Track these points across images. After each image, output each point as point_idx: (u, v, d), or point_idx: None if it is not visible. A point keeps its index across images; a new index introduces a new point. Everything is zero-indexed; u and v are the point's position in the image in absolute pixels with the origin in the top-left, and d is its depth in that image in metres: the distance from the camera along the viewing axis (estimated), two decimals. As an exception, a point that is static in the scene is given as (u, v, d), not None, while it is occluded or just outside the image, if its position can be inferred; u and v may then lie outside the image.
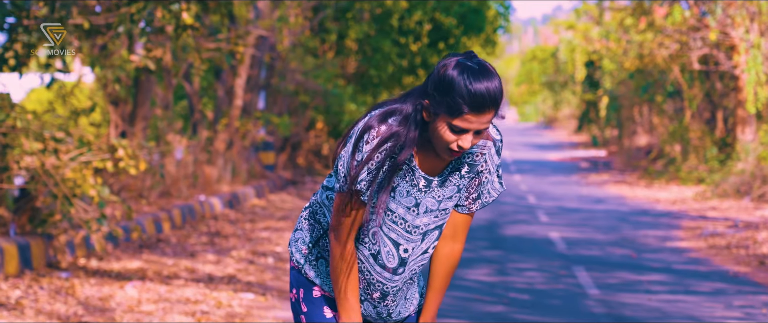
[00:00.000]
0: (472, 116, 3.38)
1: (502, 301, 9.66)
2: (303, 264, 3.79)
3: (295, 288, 3.81)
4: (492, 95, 3.37)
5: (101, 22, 10.68)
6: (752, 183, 20.75)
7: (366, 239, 3.66)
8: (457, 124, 3.40)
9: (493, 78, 3.38)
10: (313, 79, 24.07)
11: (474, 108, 3.37)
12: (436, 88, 3.41)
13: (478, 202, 3.72)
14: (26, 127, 9.43)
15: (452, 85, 3.37)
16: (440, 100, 3.40)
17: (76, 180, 9.75)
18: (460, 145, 3.44)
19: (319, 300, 3.77)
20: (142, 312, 8.46)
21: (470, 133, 3.43)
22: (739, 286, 10.77)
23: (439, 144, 3.47)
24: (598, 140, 47.19)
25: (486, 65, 3.40)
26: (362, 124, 3.54)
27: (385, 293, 3.75)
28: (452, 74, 3.38)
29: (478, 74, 3.37)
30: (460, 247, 3.79)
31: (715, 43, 24.65)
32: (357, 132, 3.53)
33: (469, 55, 3.44)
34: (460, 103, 3.36)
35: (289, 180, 24.21)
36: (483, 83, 3.36)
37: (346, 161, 3.54)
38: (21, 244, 9.53)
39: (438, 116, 3.43)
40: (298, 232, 3.84)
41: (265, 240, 13.76)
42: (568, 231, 15.93)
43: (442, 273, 3.79)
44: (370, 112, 3.59)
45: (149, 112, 14.60)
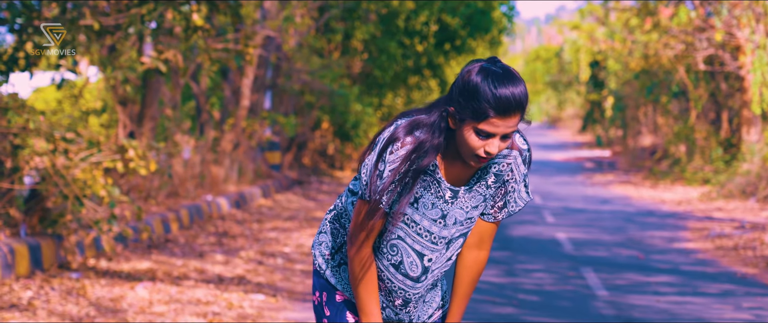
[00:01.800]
0: (498, 120, 3.39)
1: (511, 303, 9.68)
2: (325, 268, 3.81)
3: (318, 291, 3.83)
4: (517, 98, 3.38)
5: (111, 23, 10.70)
6: (758, 184, 20.74)
7: (385, 250, 3.68)
8: (483, 128, 3.41)
9: (517, 81, 3.40)
10: (318, 79, 24.09)
11: (500, 111, 3.38)
12: (461, 94, 3.43)
13: (505, 211, 3.72)
14: (37, 128, 9.45)
15: (477, 89, 3.39)
16: (465, 105, 3.41)
17: (86, 180, 9.77)
18: (487, 151, 3.45)
19: (341, 304, 3.79)
20: (154, 313, 8.49)
21: (497, 137, 3.44)
22: (747, 288, 10.78)
23: (466, 150, 3.48)
24: (602, 140, 47.18)
25: (510, 69, 3.42)
26: (388, 133, 3.55)
27: (408, 300, 3.77)
28: (477, 79, 3.40)
29: (502, 78, 3.39)
30: (485, 255, 3.80)
31: (721, 44, 24.66)
32: (382, 141, 3.55)
33: (493, 60, 3.46)
34: (485, 107, 3.38)
35: (295, 180, 24.23)
36: (508, 86, 3.37)
37: (369, 170, 3.55)
38: (31, 245, 9.56)
39: (464, 122, 3.44)
40: (322, 235, 3.86)
41: (273, 240, 13.78)
42: (574, 232, 15.94)
43: (467, 280, 3.81)
44: (396, 120, 3.60)
45: (157, 113, 14.62)
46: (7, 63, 10.19)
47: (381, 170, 3.52)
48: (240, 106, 20.52)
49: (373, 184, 3.54)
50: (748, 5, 23.02)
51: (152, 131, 14.43)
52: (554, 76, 62.99)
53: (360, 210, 3.61)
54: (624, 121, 38.57)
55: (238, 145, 20.26)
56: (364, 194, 3.57)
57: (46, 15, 10.16)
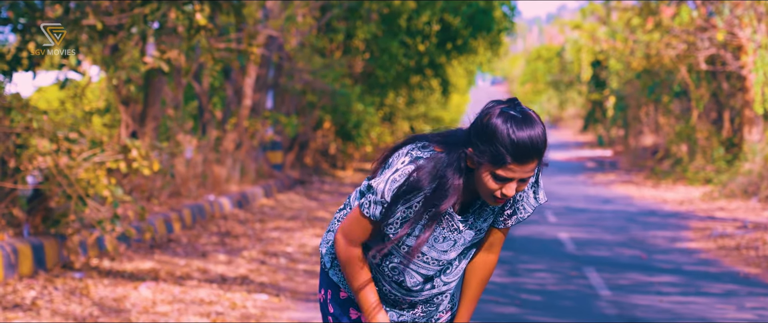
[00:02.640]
0: (515, 166, 3.37)
1: (514, 302, 9.68)
2: (330, 267, 3.82)
3: (324, 288, 3.85)
4: (535, 145, 3.35)
5: (114, 23, 10.71)
6: (760, 184, 20.74)
7: (386, 270, 3.69)
8: (500, 173, 3.39)
9: (536, 126, 3.36)
10: (320, 79, 24.11)
11: (517, 158, 3.36)
12: (479, 137, 3.39)
13: (514, 218, 3.70)
14: (40, 128, 9.46)
15: (495, 134, 3.35)
16: (483, 149, 3.38)
17: (89, 180, 9.78)
18: (503, 193, 3.44)
19: (345, 301, 3.81)
20: (158, 313, 8.49)
21: (514, 181, 3.43)
22: (750, 288, 10.78)
23: (483, 191, 3.47)
24: (603, 140, 47.20)
25: (529, 113, 3.38)
26: (401, 161, 3.52)
27: (415, 304, 3.78)
28: (496, 123, 3.35)
29: (521, 123, 3.34)
30: (494, 258, 3.79)
31: (723, 44, 24.65)
32: (393, 170, 3.52)
33: (513, 103, 3.41)
34: (503, 153, 3.35)
35: (297, 180, 24.24)
36: (526, 131, 3.34)
37: (376, 196, 3.52)
38: (34, 245, 9.56)
39: (481, 165, 3.42)
40: (329, 233, 3.87)
41: (276, 240, 13.79)
42: (577, 232, 15.95)
43: (476, 283, 3.81)
44: (410, 144, 3.57)
45: (160, 112, 14.62)
46: (11, 63, 10.20)
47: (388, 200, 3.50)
48: (242, 106, 20.53)
49: (376, 210, 3.53)
50: (749, 5, 23.02)
51: (155, 131, 14.43)
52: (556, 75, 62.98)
53: (356, 217, 3.60)
54: (625, 120, 38.59)
55: (240, 145, 20.27)
56: (364, 207, 3.56)
57: (49, 15, 10.17)
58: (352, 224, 3.61)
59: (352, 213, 3.62)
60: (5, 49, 10.43)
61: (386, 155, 3.60)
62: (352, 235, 3.62)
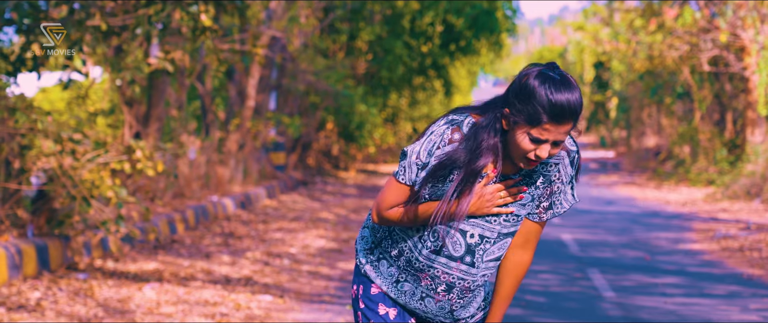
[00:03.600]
0: (551, 126, 3.41)
1: (519, 304, 9.68)
2: (365, 263, 3.86)
3: (356, 284, 3.88)
4: (572, 106, 3.40)
5: (118, 24, 10.71)
6: (763, 185, 20.74)
7: (426, 236, 3.69)
8: (535, 133, 3.43)
9: (574, 90, 3.41)
10: (323, 80, 24.11)
11: (554, 118, 3.40)
12: (517, 97, 3.45)
13: (550, 212, 3.72)
14: (45, 129, 9.46)
15: (533, 93, 3.40)
16: (520, 108, 3.43)
17: (93, 181, 9.78)
18: (537, 155, 3.47)
19: (376, 296, 3.83)
20: (162, 314, 8.49)
21: (548, 143, 3.46)
22: (754, 289, 10.78)
23: (517, 152, 3.50)
24: (606, 141, 47.19)
25: (567, 77, 3.44)
26: (437, 127, 3.59)
27: (451, 285, 3.75)
28: (534, 83, 3.41)
29: (559, 84, 3.40)
30: (529, 257, 3.80)
31: (726, 45, 24.65)
32: (429, 133, 3.59)
33: (552, 66, 3.46)
34: (540, 112, 3.39)
35: (300, 181, 24.25)
36: (564, 94, 3.39)
37: (412, 160, 3.59)
38: (39, 245, 9.57)
39: (517, 125, 3.46)
40: (364, 230, 3.91)
41: (279, 241, 13.79)
42: (580, 233, 15.95)
43: (510, 282, 3.81)
44: (448, 114, 3.63)
45: (163, 113, 14.63)
46: (15, 63, 10.21)
47: (426, 162, 3.56)
48: (245, 107, 20.53)
49: (412, 172, 3.59)
50: (753, 6, 23.02)
51: (158, 132, 14.44)
52: (558, 76, 62.92)
53: (391, 187, 3.66)
54: (628, 121, 38.58)
55: (243, 146, 20.27)
56: (398, 174, 3.62)
57: (53, 16, 10.17)
58: (387, 194, 3.66)
59: (387, 184, 3.68)
60: (9, 49, 10.43)
61: (423, 131, 3.66)
62: (386, 202, 3.66)
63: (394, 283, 3.80)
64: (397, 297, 3.80)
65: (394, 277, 3.79)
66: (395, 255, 3.77)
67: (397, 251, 3.77)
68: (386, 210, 3.67)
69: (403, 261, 3.76)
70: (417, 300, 3.79)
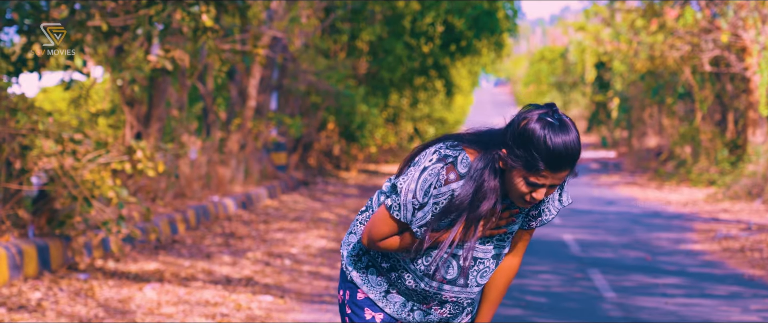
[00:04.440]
0: (548, 173, 3.41)
1: (519, 304, 9.68)
2: (352, 269, 3.83)
3: (343, 289, 3.87)
4: (570, 154, 3.39)
5: (119, 24, 10.72)
6: (764, 186, 20.73)
7: (419, 260, 3.68)
8: (532, 179, 3.43)
9: (572, 136, 3.39)
10: (324, 80, 24.11)
11: (551, 166, 3.39)
12: (515, 141, 3.42)
13: (539, 220, 3.73)
14: (46, 129, 9.47)
15: (531, 140, 3.38)
16: (518, 153, 3.42)
17: (94, 181, 9.79)
18: (533, 197, 3.48)
19: (362, 301, 3.81)
20: (163, 315, 8.50)
21: (545, 186, 3.46)
22: (754, 290, 10.78)
23: (513, 192, 3.50)
24: (607, 141, 47.18)
25: (566, 121, 3.41)
26: (430, 163, 3.53)
27: (444, 301, 3.76)
28: (532, 129, 3.39)
29: (558, 131, 3.38)
30: (517, 261, 3.82)
31: (727, 45, 24.64)
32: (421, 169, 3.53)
33: (551, 109, 3.43)
34: (537, 159, 3.39)
35: (301, 181, 24.25)
36: (562, 142, 3.37)
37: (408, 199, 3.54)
38: (40, 246, 9.58)
39: (514, 168, 3.45)
40: (351, 236, 3.88)
41: (280, 241, 13.79)
42: (581, 233, 15.95)
43: (499, 285, 3.83)
44: (438, 144, 3.59)
45: (164, 113, 14.64)
46: (16, 64, 10.21)
47: (422, 202, 3.53)
48: (246, 107, 20.54)
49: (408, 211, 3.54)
50: (754, 6, 23.01)
51: (159, 132, 14.44)
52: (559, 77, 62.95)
53: (385, 220, 3.62)
54: (629, 122, 38.57)
55: (244, 146, 20.28)
56: (393, 209, 3.57)
57: (54, 16, 10.18)
58: (381, 226, 3.62)
59: (379, 214, 3.63)
60: (10, 50, 10.44)
61: (413, 154, 3.63)
62: (378, 235, 3.63)
63: (383, 293, 3.79)
64: (384, 306, 3.79)
65: (384, 288, 3.78)
66: (386, 268, 3.76)
67: (389, 265, 3.75)
68: (379, 242, 3.64)
69: (395, 277, 3.75)
70: (407, 311, 3.79)
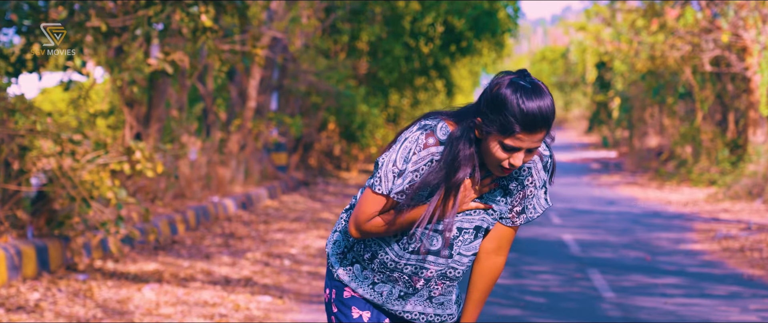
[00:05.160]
0: (523, 135, 3.41)
1: (518, 304, 9.68)
2: (338, 267, 3.83)
3: (329, 288, 3.86)
4: (544, 114, 3.39)
5: (118, 25, 10.72)
6: (764, 186, 20.73)
7: (405, 239, 3.68)
8: (508, 142, 3.43)
9: (545, 97, 3.41)
10: (325, 80, 24.10)
11: (526, 127, 3.39)
12: (489, 106, 3.44)
13: (523, 217, 3.72)
14: (45, 130, 9.47)
15: (505, 103, 3.40)
16: (493, 118, 3.43)
17: (93, 182, 9.79)
18: (511, 163, 3.48)
19: (348, 300, 3.81)
20: (161, 315, 8.50)
21: (522, 151, 3.46)
22: (754, 290, 10.77)
23: (491, 161, 3.51)
24: (608, 141, 47.18)
25: (539, 84, 3.43)
26: (411, 133, 3.58)
27: (429, 278, 3.75)
28: (505, 93, 3.41)
29: (530, 93, 3.39)
30: (502, 261, 3.80)
31: (727, 45, 24.63)
32: (403, 140, 3.57)
33: (523, 74, 3.46)
34: (512, 122, 3.39)
35: (302, 181, 24.25)
36: (535, 102, 3.38)
37: (387, 164, 3.57)
38: (38, 246, 9.58)
39: (490, 134, 3.46)
40: (335, 234, 3.88)
41: (280, 241, 13.79)
42: (581, 233, 15.94)
43: (482, 286, 3.81)
44: (420, 120, 3.62)
45: (164, 114, 14.64)
46: (15, 64, 10.21)
47: (402, 169, 3.55)
48: (246, 108, 20.54)
49: (388, 180, 3.56)
50: (754, 6, 23.01)
51: (159, 133, 14.44)
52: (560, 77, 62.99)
53: (368, 199, 3.62)
54: (630, 122, 38.57)
55: (244, 146, 20.28)
56: (375, 185, 3.59)
57: (53, 17, 10.18)
58: (365, 206, 3.62)
59: (363, 196, 3.64)
60: (9, 50, 10.44)
61: (396, 137, 3.65)
62: (364, 215, 3.62)
63: (370, 286, 3.78)
64: (373, 298, 3.78)
65: (370, 280, 3.78)
66: (368, 258, 3.76)
67: (370, 254, 3.75)
68: (366, 223, 3.64)
69: (377, 264, 3.74)
70: (394, 299, 3.78)
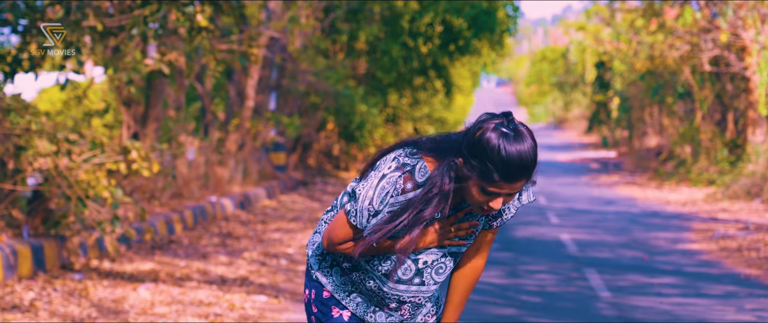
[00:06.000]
0: (503, 183, 3.39)
1: (513, 304, 9.68)
2: (316, 269, 3.82)
3: (308, 289, 3.85)
4: (524, 164, 3.36)
5: (115, 25, 10.72)
6: (763, 185, 20.72)
7: (375, 262, 3.67)
8: (488, 188, 3.41)
9: (527, 146, 3.36)
10: (324, 80, 24.10)
11: (506, 177, 3.37)
12: (470, 150, 3.40)
13: (499, 220, 3.71)
14: (40, 129, 9.47)
15: (486, 151, 3.36)
16: (474, 164, 3.40)
17: (89, 181, 9.79)
18: (490, 206, 3.46)
19: (328, 300, 3.80)
20: (156, 314, 8.50)
21: (501, 196, 3.44)
22: (750, 289, 10.77)
23: (470, 200, 3.49)
24: (608, 141, 47.19)
25: (522, 131, 3.38)
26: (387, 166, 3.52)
27: (402, 302, 3.77)
28: (487, 139, 3.36)
29: (513, 142, 3.35)
30: (482, 263, 3.80)
31: (726, 45, 24.63)
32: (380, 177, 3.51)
33: (507, 118, 3.41)
34: (491, 171, 3.36)
35: (300, 181, 24.25)
36: (516, 153, 3.34)
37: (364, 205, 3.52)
38: (34, 246, 9.58)
39: (470, 178, 3.43)
40: (316, 235, 3.87)
41: (277, 241, 13.79)
42: (578, 233, 15.94)
43: (462, 288, 3.81)
44: (399, 151, 3.57)
45: (161, 113, 14.64)
46: (12, 64, 10.21)
47: (378, 210, 3.51)
48: (245, 107, 20.54)
49: (363, 217, 3.52)
50: (753, 6, 23.00)
51: (156, 132, 14.44)
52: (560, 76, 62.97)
53: (342, 224, 3.59)
54: (629, 122, 38.57)
55: (242, 146, 20.28)
56: (350, 214, 3.55)
57: (49, 16, 10.18)
58: (338, 228, 3.60)
59: (338, 218, 3.61)
60: (6, 50, 10.44)
61: (375, 158, 3.60)
62: (336, 239, 3.61)
63: (346, 294, 3.78)
64: (347, 304, 3.78)
65: (348, 287, 3.77)
66: (348, 268, 3.75)
67: (351, 265, 3.74)
68: (337, 245, 3.63)
69: (356, 277, 3.74)
70: (370, 312, 3.78)
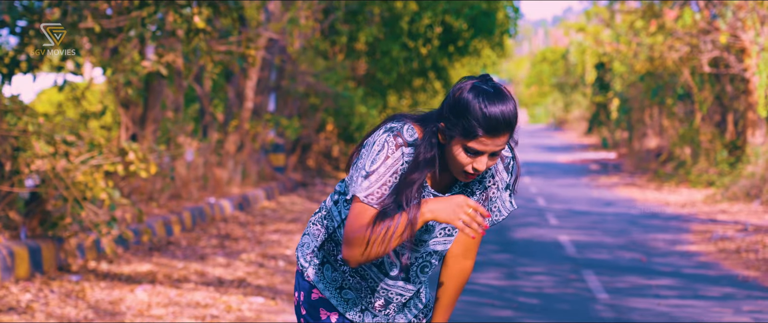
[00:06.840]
0: (486, 139, 3.41)
1: (511, 306, 9.67)
2: (306, 267, 3.82)
3: (297, 291, 3.85)
4: (506, 118, 3.39)
5: (112, 26, 10.71)
6: (762, 187, 20.71)
7: None
8: (471, 146, 3.42)
9: (507, 101, 3.41)
10: (323, 81, 24.10)
11: (488, 130, 3.39)
12: (451, 111, 3.44)
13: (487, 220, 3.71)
14: (37, 131, 9.46)
15: (467, 107, 3.40)
16: (455, 122, 3.43)
17: (86, 183, 9.78)
18: (475, 167, 3.47)
19: (316, 301, 3.80)
20: (152, 316, 8.50)
21: (485, 155, 3.46)
22: (748, 291, 10.77)
23: (455, 166, 3.50)
24: (608, 142, 47.18)
25: (501, 88, 3.43)
26: (377, 137, 3.54)
27: (389, 300, 3.78)
28: (467, 97, 3.41)
29: (493, 97, 3.40)
30: (470, 264, 3.81)
31: (726, 46, 24.62)
32: (371, 145, 3.54)
33: (485, 78, 3.47)
34: (474, 126, 3.39)
35: (300, 183, 24.24)
36: (498, 106, 3.39)
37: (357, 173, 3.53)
38: (31, 247, 9.57)
39: (453, 139, 3.45)
40: (305, 236, 3.87)
41: (275, 242, 13.79)
42: (577, 235, 15.93)
43: (451, 290, 3.82)
44: (385, 123, 3.60)
45: (160, 115, 14.63)
46: (9, 65, 10.21)
47: (369, 171, 3.50)
48: (244, 108, 20.54)
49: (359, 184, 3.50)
50: (752, 7, 22.99)
51: (154, 134, 14.44)
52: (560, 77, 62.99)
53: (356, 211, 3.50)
54: (629, 123, 38.57)
55: (241, 147, 20.27)
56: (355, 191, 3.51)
57: (47, 17, 10.18)
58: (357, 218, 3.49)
59: (354, 209, 3.51)
60: (3, 51, 10.44)
61: (360, 144, 3.62)
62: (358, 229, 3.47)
63: (337, 290, 3.77)
64: (337, 304, 3.77)
65: (338, 283, 3.77)
66: (341, 260, 3.74)
67: (342, 259, 3.72)
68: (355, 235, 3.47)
69: (348, 270, 3.74)
70: (357, 311, 3.78)
